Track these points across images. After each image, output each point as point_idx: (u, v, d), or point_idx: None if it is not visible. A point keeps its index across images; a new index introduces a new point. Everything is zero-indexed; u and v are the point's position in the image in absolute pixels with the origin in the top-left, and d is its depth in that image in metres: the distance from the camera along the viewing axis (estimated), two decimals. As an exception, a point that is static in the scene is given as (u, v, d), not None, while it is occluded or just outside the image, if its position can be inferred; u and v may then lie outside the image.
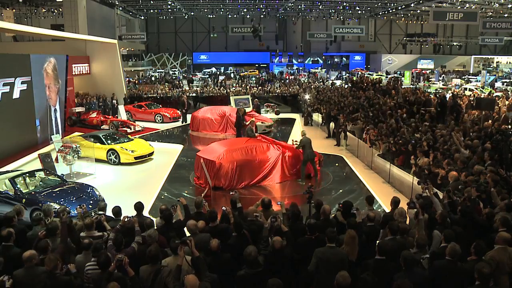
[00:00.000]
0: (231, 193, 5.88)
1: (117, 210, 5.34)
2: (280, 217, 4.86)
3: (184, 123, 18.56)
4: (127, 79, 30.66)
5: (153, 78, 36.20)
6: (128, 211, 5.39)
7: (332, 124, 15.43)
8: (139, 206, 5.40)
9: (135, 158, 11.62)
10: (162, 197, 8.90)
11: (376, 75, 34.21)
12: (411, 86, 25.58)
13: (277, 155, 9.83)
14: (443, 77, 34.07)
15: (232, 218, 5.02)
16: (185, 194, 9.05)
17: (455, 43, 39.46)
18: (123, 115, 18.66)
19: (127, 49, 36.85)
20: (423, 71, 37.33)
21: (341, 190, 9.37)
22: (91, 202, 7.26)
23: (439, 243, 4.35)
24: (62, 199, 7.18)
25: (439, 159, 7.88)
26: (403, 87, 19.60)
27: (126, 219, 4.87)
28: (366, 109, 14.01)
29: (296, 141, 9.98)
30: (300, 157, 10.01)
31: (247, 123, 14.04)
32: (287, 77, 36.27)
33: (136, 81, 33.82)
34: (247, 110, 16.54)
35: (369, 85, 18.00)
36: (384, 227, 4.88)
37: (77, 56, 18.35)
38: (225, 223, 5.09)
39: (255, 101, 20.46)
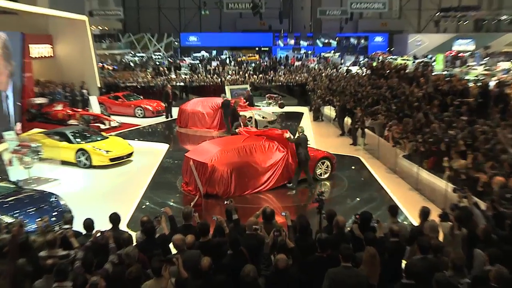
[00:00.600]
0: (226, 202, 5.88)
1: (88, 224, 5.29)
2: (284, 231, 4.88)
3: (169, 118, 18.66)
4: (101, 64, 30.80)
5: (132, 64, 36.31)
6: (102, 224, 5.37)
7: (347, 120, 15.50)
8: (115, 218, 5.39)
9: (111, 159, 11.65)
10: (143, 206, 8.93)
11: (401, 59, 34.15)
12: (445, 72, 25.47)
13: (281, 156, 9.86)
14: (487, 60, 32.31)
15: (227, 231, 5.01)
16: (171, 203, 9.06)
17: (503, 17, 34.85)
18: (95, 108, 18.66)
19: (100, 27, 36.82)
20: (460, 54, 35.56)
21: (358, 199, 9.40)
22: (54, 213, 7.12)
23: (482, 265, 4.27)
24: (17, 211, 6.93)
25: (480, 161, 7.86)
26: (434, 73, 19.60)
27: (98, 234, 4.88)
28: (388, 101, 14.03)
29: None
30: (315, 158, 10.19)
31: (241, 115, 14.28)
32: (293, 63, 36.37)
33: (112, 67, 33.95)
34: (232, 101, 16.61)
35: (392, 72, 17.99)
36: (412, 244, 4.88)
37: (37, 35, 17.75)
38: (219, 237, 5.10)
39: (246, 91, 20.52)
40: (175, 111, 18.09)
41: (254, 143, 9.84)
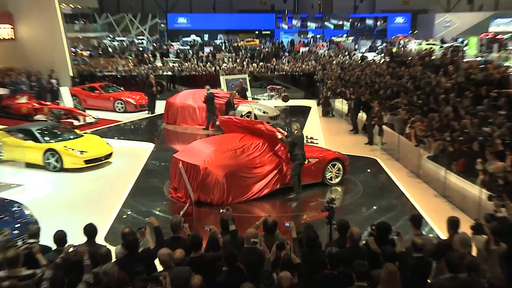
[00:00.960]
0: (221, 210, 5.89)
1: (60, 237, 5.24)
2: (289, 244, 4.87)
3: (153, 113, 18.73)
4: (73, 49, 30.82)
5: (110, 49, 36.34)
6: (75, 238, 5.37)
7: (361, 115, 15.53)
8: (90, 230, 5.39)
9: (86, 161, 11.66)
10: (124, 216, 8.95)
11: (427, 44, 34.17)
12: (479, 58, 25.22)
13: (284, 156, 9.93)
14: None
15: (222, 242, 5.01)
16: (157, 213, 9.08)
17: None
18: (67, 101, 18.71)
19: (72, 5, 36.70)
20: (498, 36, 34.37)
21: (374, 207, 9.41)
22: (17, 225, 6.95)
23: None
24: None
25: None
26: (465, 60, 19.55)
27: (70, 249, 4.86)
28: (410, 93, 14.06)
29: (310, 137, 10.02)
30: (324, 160, 10.24)
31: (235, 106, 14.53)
32: (299, 49, 36.44)
33: (87, 53, 33.93)
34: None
35: (416, 59, 18.03)
36: (439, 260, 4.87)
37: (-9, 13, 17.59)
38: (213, 251, 5.12)
39: (239, 81, 20.60)
40: (161, 105, 18.11)
41: (253, 142, 9.88)
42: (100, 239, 7.12)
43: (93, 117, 16.67)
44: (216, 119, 15.39)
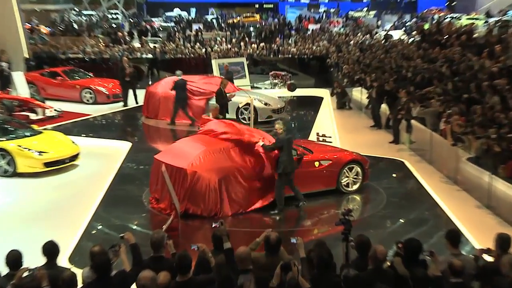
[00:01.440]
0: (213, 224, 5.89)
1: (14, 258, 5.23)
2: (296, 265, 4.88)
3: (128, 105, 18.75)
4: (29, 25, 30.76)
5: (76, 26, 36.28)
6: (32, 259, 5.35)
7: (385, 107, 15.55)
8: (51, 249, 5.38)
9: (46, 164, 11.69)
10: (94, 231, 8.96)
11: (467, 18, 34.01)
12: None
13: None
14: None
15: (214, 263, 5.01)
16: (134, 227, 9.09)
17: None
18: (21, 89, 18.60)
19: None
20: None
21: (401, 220, 9.45)
22: None
23: None
24: None
25: None
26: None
27: (25, 273, 4.88)
28: (446, 80, 14.07)
29: (322, 134, 10.01)
30: (339, 162, 10.29)
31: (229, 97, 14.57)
32: (309, 27, 36.44)
33: (46, 30, 33.91)
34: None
35: (453, 38, 18.03)
36: (483, 286, 4.86)
37: None
38: (204, 274, 5.10)
39: (224, 65, 20.59)
40: (140, 96, 18.14)
41: (251, 140, 9.91)
42: (63, 260, 7.11)
43: (55, 110, 16.68)
44: (189, 111, 15.60)
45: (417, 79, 15.23)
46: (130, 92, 18.65)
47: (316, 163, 10.14)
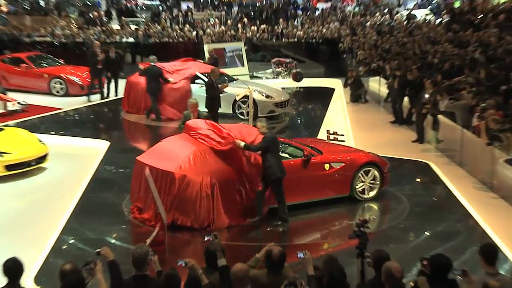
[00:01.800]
0: (206, 238, 5.88)
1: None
2: (303, 285, 4.88)
3: (104, 97, 18.87)
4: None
5: (43, 3, 36.14)
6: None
7: (407, 100, 15.56)
8: (13, 268, 5.35)
9: (7, 167, 11.65)
10: (65, 246, 8.92)
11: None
12: None
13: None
14: None
15: (207, 283, 4.99)
16: (113, 241, 9.08)
17: None
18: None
19: None
20: None
21: (427, 233, 9.43)
22: None
23: None
24: None
25: None
26: None
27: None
28: (480, 67, 14.04)
29: (333, 132, 9.92)
30: (353, 164, 10.31)
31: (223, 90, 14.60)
32: (318, 6, 36.40)
33: (6, 8, 33.75)
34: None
35: (489, 17, 18.02)
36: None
37: None
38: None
39: (209, 51, 20.50)
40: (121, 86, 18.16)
41: (249, 137, 9.89)
42: (27, 281, 7.09)
43: (19, 103, 16.66)
44: (158, 105, 15.71)
45: (446, 66, 15.22)
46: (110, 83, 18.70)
47: (326, 166, 10.11)
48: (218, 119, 13.64)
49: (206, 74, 15.68)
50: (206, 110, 13.77)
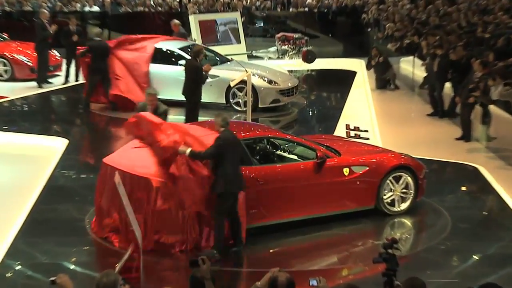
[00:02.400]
0: (191, 260, 5.91)
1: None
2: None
3: (65, 82, 19.00)
4: None
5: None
6: None
7: (449, 86, 15.63)
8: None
9: None
10: (9, 274, 8.88)
11: None
12: None
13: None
14: None
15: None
16: (72, 266, 9.06)
17: None
18: None
19: None
20: None
21: (475, 256, 9.43)
22: None
23: None
24: None
25: None
26: None
27: None
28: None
29: (354, 127, 9.85)
30: (380, 168, 10.33)
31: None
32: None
33: None
34: None
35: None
36: None
37: None
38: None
39: (173, 24, 20.34)
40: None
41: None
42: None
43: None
44: (110, 88, 16.00)
45: (499, 43, 15.22)
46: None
47: (346, 170, 10.15)
48: (198, 113, 13.76)
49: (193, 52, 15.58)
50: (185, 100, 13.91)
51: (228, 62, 17.26)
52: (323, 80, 20.24)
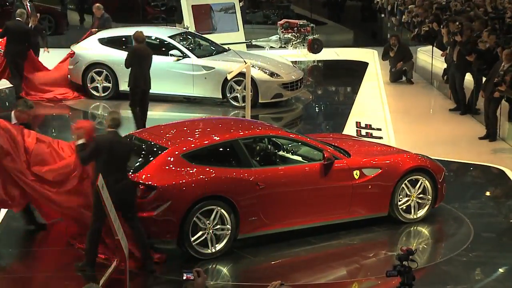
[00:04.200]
0: (185, 275, 5.92)
1: None
2: None
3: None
4: None
5: None
6: None
7: (470, 77, 15.65)
8: None
9: None
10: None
11: None
12: None
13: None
14: None
15: None
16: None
17: None
18: None
19: None
20: None
21: (500, 270, 9.42)
22: None
23: None
24: None
25: None
26: None
27: None
28: None
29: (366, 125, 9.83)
30: (394, 171, 10.35)
31: None
32: None
33: None
34: None
35: None
36: None
37: None
38: None
39: (95, 8, 20.14)
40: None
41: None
42: None
43: None
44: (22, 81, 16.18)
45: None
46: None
47: (356, 173, 10.16)
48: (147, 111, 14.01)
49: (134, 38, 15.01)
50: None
51: (225, 52, 17.25)
52: (331, 72, 20.25)
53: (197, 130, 10.64)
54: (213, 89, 15.90)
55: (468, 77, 15.75)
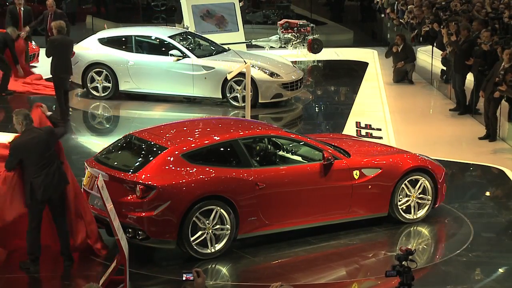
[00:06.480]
0: (184, 276, 5.91)
1: None
2: None
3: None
4: None
5: None
6: None
7: (470, 77, 15.59)
8: None
9: None
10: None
11: None
12: None
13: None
14: None
15: None
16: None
17: None
18: None
19: None
20: None
21: (500, 270, 9.42)
22: None
23: None
24: None
25: None
26: None
27: None
28: None
29: (366, 125, 9.82)
30: (394, 171, 10.34)
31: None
32: None
33: None
34: None
35: None
36: None
37: None
38: None
39: (48, 3, 20.05)
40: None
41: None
42: None
43: None
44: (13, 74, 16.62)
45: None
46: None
47: (356, 173, 10.17)
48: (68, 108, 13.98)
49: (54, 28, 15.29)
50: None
51: (225, 52, 17.25)
52: (331, 72, 20.21)
53: (197, 130, 10.67)
54: (213, 89, 15.88)
55: (469, 77, 15.70)
